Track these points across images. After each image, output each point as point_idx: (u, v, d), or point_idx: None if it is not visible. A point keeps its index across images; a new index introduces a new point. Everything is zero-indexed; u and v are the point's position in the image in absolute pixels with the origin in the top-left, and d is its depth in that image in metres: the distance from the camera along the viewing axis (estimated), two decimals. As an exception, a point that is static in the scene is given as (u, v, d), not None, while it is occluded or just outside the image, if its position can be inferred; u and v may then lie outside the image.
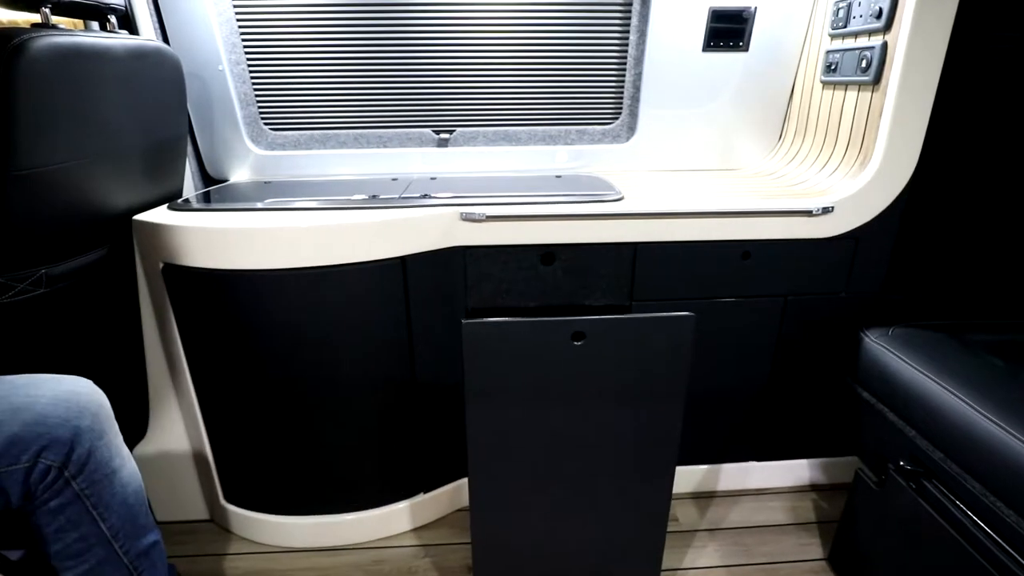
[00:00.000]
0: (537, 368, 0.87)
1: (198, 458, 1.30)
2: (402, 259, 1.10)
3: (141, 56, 1.06)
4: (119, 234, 1.09)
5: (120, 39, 1.01)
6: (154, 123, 1.13)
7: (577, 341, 0.86)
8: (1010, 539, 0.83)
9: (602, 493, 1.01)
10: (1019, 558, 0.82)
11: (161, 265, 1.09)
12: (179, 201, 1.20)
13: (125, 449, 0.90)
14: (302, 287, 1.06)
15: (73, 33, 0.92)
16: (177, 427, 1.27)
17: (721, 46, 1.39)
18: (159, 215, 1.10)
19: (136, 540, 0.89)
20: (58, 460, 0.75)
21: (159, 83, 1.13)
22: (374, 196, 1.20)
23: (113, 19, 1.13)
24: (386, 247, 1.08)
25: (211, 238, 1.03)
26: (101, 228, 1.04)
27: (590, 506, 1.03)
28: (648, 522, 1.04)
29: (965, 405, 0.92)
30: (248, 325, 1.08)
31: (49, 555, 0.80)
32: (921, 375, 1.02)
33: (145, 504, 0.92)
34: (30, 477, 0.74)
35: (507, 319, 0.85)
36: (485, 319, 0.84)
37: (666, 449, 0.97)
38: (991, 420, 0.88)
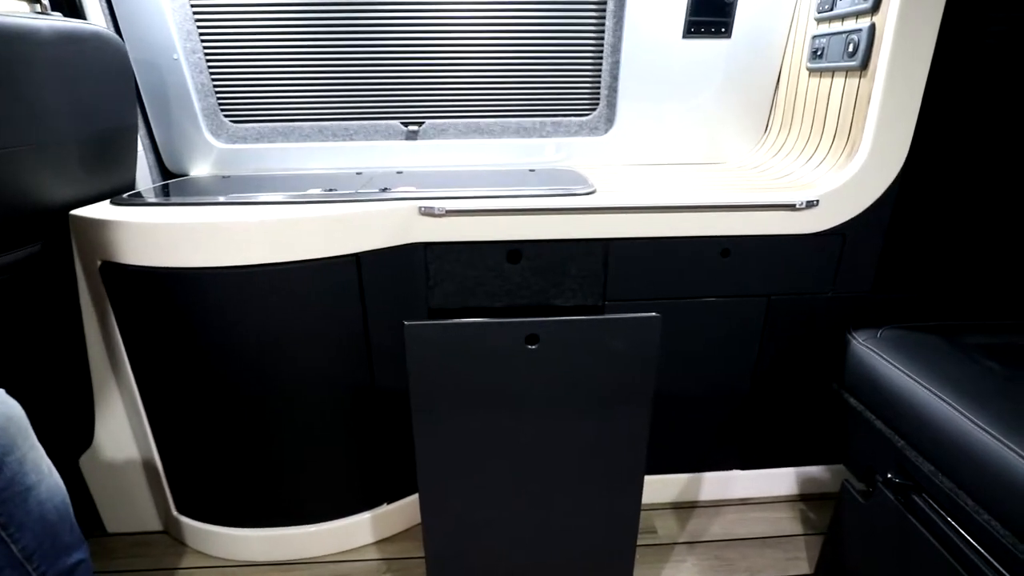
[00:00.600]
0: (489, 373, 0.80)
1: (148, 467, 1.23)
2: (356, 256, 1.03)
3: (76, 40, 0.99)
4: (55, 229, 1.02)
5: (50, 21, 0.95)
6: (94, 112, 1.06)
7: (531, 344, 0.79)
8: (1005, 561, 0.76)
9: (566, 506, 0.94)
10: (1015, 582, 0.75)
11: (99, 263, 1.02)
12: (124, 196, 1.13)
13: (46, 462, 0.83)
14: (248, 287, 0.99)
15: (-9, 12, 0.85)
16: (124, 435, 1.20)
17: (703, 32, 1.32)
18: (97, 210, 1.03)
19: (56, 560, 0.81)
20: None
21: (99, 70, 1.06)
22: (330, 190, 1.13)
23: (45, 0, 1.07)
24: (338, 244, 1.01)
25: (149, 234, 0.96)
26: (33, 222, 0.97)
27: (553, 520, 0.96)
28: (617, 536, 0.97)
29: (958, 414, 0.85)
30: (190, 327, 1.01)
31: None
32: (911, 380, 0.95)
33: (70, 520, 0.85)
34: None
35: (456, 321, 0.78)
36: (432, 322, 0.77)
37: (633, 458, 0.89)
38: (986, 431, 0.81)
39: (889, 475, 0.96)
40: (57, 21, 0.97)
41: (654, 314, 0.80)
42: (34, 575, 0.77)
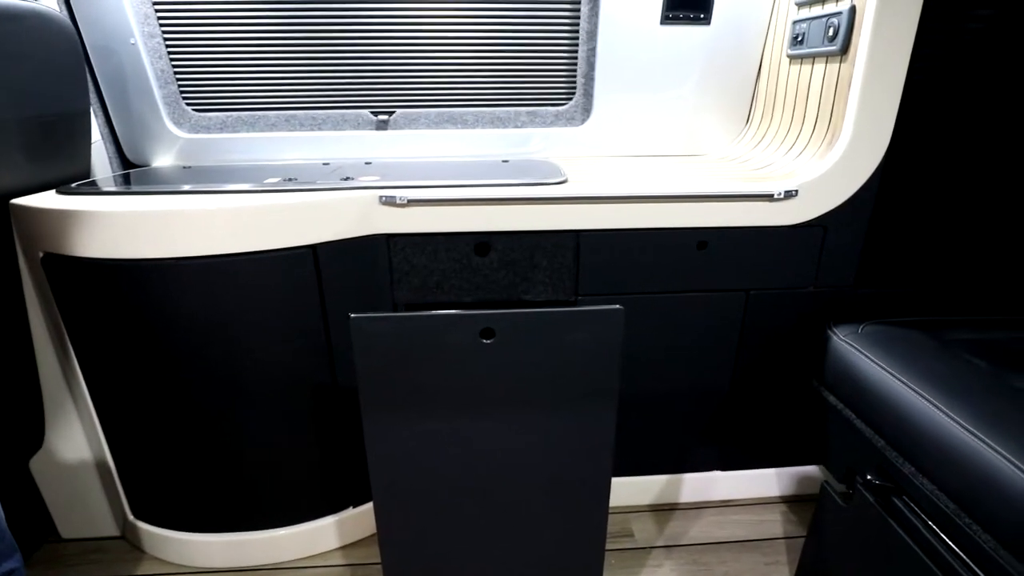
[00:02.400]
0: (442, 370, 0.75)
1: (102, 469, 1.17)
2: (312, 247, 0.98)
3: (14, 19, 0.94)
4: (-7, 220, 0.97)
5: (-17, -2, 0.89)
6: (36, 96, 1.01)
7: (487, 339, 0.75)
8: (987, 568, 0.72)
9: (528, 510, 0.90)
10: (998, 591, 0.70)
11: (41, 255, 0.97)
12: (72, 185, 1.08)
13: None
14: (196, 279, 0.94)
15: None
16: (77, 436, 1.15)
17: (681, 19, 1.28)
18: (40, 199, 0.98)
19: None
20: None
21: (42, 51, 1.01)
22: (289, 179, 1.08)
23: (-19, -24, 1.01)
24: (293, 235, 0.96)
25: (91, 224, 0.91)
26: (-34, 212, 0.92)
27: (516, 526, 0.91)
28: (583, 544, 0.93)
29: (940, 413, 0.81)
30: (138, 322, 0.96)
31: None
32: (892, 378, 0.91)
33: (1, 528, 0.80)
34: None
35: (404, 314, 0.74)
36: (378, 314, 0.73)
37: (599, 460, 0.85)
38: (969, 431, 0.77)
39: (869, 476, 0.91)
40: (-8, -2, 0.91)
41: (617, 306, 0.75)
42: None
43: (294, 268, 0.97)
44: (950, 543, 0.77)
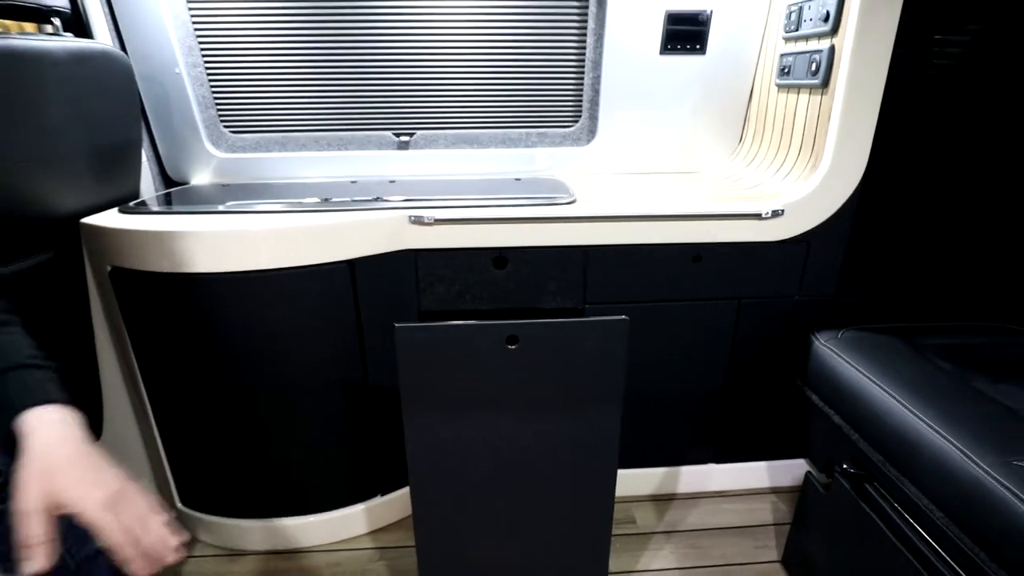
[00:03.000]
0: (473, 372, 0.87)
1: (154, 462, 1.29)
2: (350, 262, 1.10)
3: (85, 60, 1.06)
4: (66, 237, 1.09)
5: (62, 42, 1.01)
6: (102, 126, 1.12)
7: (512, 344, 0.86)
8: (942, 542, 0.84)
9: (544, 498, 1.01)
10: (950, 561, 0.82)
11: (109, 268, 1.09)
12: (130, 204, 1.20)
13: None
14: (248, 290, 1.06)
15: (9, 36, 0.91)
16: (131, 431, 1.26)
17: (679, 49, 1.39)
18: (107, 218, 1.09)
19: (83, 546, 0.88)
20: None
21: (107, 86, 1.12)
22: (326, 199, 1.20)
23: (57, 22, 1.13)
24: (333, 251, 1.08)
25: (157, 241, 1.03)
26: (46, 231, 1.03)
27: (533, 511, 1.03)
28: (593, 526, 1.04)
29: (906, 411, 0.93)
30: (194, 328, 1.08)
31: None
32: (866, 379, 1.02)
33: None
34: None
35: (441, 323, 0.85)
36: (420, 324, 0.84)
37: (606, 452, 0.97)
38: (930, 426, 0.88)
39: (845, 466, 1.03)
40: (69, 42, 1.03)
41: (623, 317, 0.87)
42: (67, 556, 0.83)
43: (335, 281, 1.09)
44: (912, 522, 0.89)
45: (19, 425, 0.63)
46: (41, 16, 1.11)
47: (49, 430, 0.65)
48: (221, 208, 1.14)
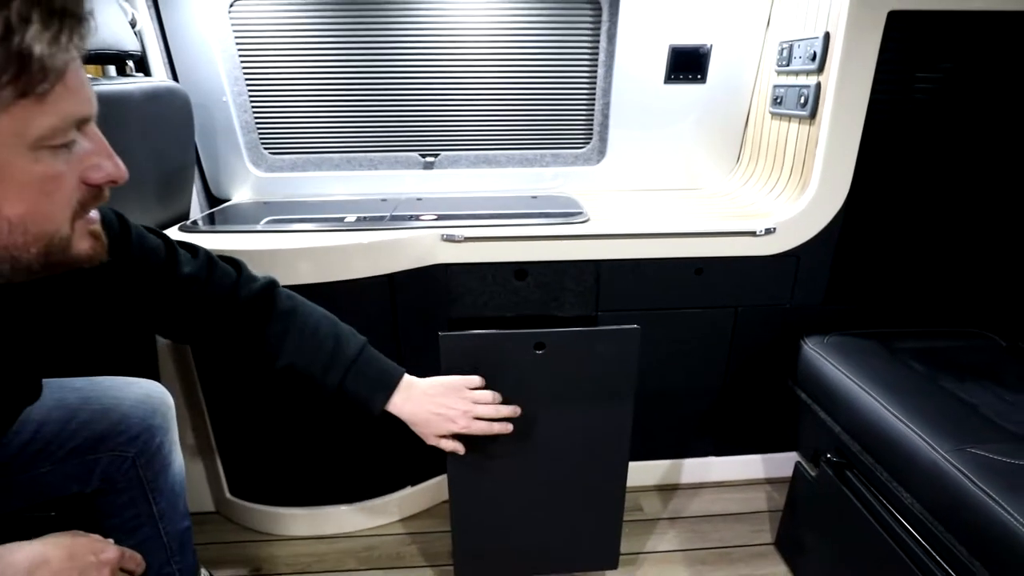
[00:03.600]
0: (506, 374, 1.00)
1: (205, 456, 1.42)
2: (390, 276, 1.23)
3: (155, 97, 1.19)
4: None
5: (137, 84, 1.14)
6: (166, 153, 1.26)
7: (539, 350, 1.00)
8: (910, 520, 0.97)
9: (564, 486, 1.15)
10: (915, 534, 0.96)
11: (173, 282, 1.22)
12: (188, 223, 1.33)
13: (179, 444, 1.03)
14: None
15: (97, 81, 1.04)
16: (185, 428, 1.39)
17: (681, 79, 1.53)
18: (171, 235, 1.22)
19: (175, 523, 1.01)
20: (133, 451, 0.90)
21: (171, 119, 1.26)
22: (364, 218, 1.33)
23: (131, 64, 1.26)
24: (376, 265, 1.21)
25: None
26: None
27: (555, 498, 1.16)
28: (606, 513, 1.18)
29: (880, 406, 1.06)
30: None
31: (104, 528, 0.93)
32: (846, 378, 1.16)
33: (185, 493, 1.05)
34: (111, 465, 0.88)
35: (479, 332, 0.99)
36: (460, 332, 0.97)
37: (619, 446, 1.10)
38: (899, 419, 1.01)
39: (829, 455, 1.17)
40: (142, 83, 1.16)
41: (635, 326, 1.00)
42: (162, 532, 0.97)
43: (376, 292, 1.22)
44: (884, 502, 1.03)
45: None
46: (118, 60, 1.24)
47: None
48: (271, 227, 1.28)
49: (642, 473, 1.56)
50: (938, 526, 0.89)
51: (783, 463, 1.59)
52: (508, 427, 0.97)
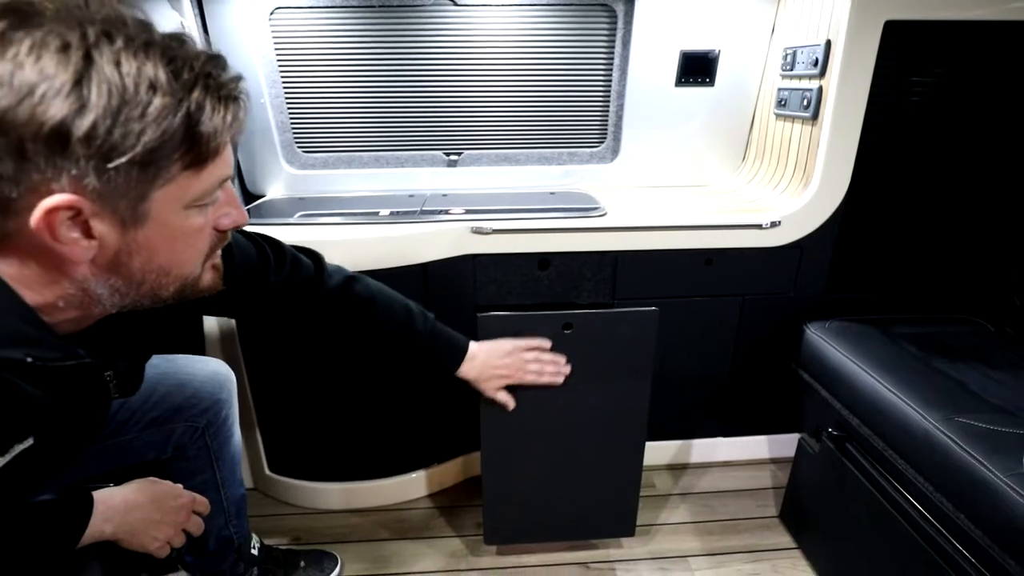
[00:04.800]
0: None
1: (247, 435, 1.52)
2: (424, 265, 1.33)
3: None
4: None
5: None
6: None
7: (567, 330, 1.10)
8: (905, 486, 1.07)
9: (587, 458, 1.24)
10: (910, 498, 1.05)
11: (223, 271, 1.32)
12: (234, 217, 1.43)
13: (238, 417, 1.13)
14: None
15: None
16: (230, 407, 1.49)
17: (691, 82, 1.63)
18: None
19: (234, 490, 1.12)
20: (203, 422, 1.00)
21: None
22: (397, 212, 1.43)
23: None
24: (410, 255, 1.31)
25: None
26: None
27: (578, 469, 1.26)
28: (625, 484, 1.28)
29: (877, 383, 1.16)
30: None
31: None
32: (846, 359, 1.26)
33: (241, 463, 1.15)
34: (184, 435, 0.98)
35: (513, 312, 1.09)
36: (496, 312, 1.07)
37: (637, 421, 1.20)
38: (894, 393, 1.11)
39: (830, 429, 1.27)
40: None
41: (654, 308, 1.10)
42: (223, 497, 1.07)
43: (410, 280, 1.32)
44: (881, 470, 1.13)
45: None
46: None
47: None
48: (310, 220, 1.38)
49: (654, 452, 1.66)
50: (928, 487, 0.99)
51: (786, 444, 1.69)
52: (558, 379, 1.11)
